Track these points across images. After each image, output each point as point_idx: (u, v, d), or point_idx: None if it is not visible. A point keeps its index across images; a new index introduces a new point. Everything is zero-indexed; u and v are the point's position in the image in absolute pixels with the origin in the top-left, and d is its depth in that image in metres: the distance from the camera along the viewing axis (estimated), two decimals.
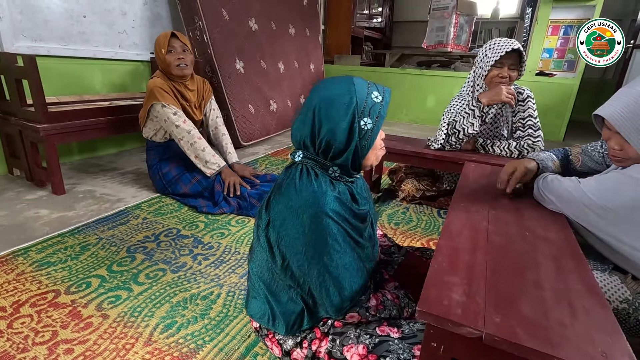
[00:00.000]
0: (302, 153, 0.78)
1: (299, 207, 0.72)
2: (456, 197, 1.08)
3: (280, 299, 0.82)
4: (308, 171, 0.76)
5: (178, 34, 1.88)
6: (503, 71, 1.57)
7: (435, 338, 0.60)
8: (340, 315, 0.78)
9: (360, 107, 0.73)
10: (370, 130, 0.74)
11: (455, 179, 1.98)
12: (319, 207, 0.72)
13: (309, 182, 0.74)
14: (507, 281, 0.68)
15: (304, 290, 0.78)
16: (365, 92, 0.74)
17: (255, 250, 0.84)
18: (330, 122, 0.73)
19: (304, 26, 4.04)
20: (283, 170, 0.82)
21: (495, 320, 0.56)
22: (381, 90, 0.76)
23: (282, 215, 0.74)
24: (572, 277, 0.70)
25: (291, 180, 0.76)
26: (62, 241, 1.50)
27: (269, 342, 0.86)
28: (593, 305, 0.62)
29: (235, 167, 2.07)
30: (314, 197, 0.72)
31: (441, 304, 0.60)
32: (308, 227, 0.72)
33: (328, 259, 0.73)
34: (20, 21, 2.14)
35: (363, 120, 0.73)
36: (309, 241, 0.72)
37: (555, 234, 0.88)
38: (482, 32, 5.93)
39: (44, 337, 1.01)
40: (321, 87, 0.77)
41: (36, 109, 1.84)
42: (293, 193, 0.74)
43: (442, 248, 0.78)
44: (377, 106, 0.74)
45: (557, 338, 0.54)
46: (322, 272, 0.73)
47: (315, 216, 0.71)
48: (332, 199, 0.74)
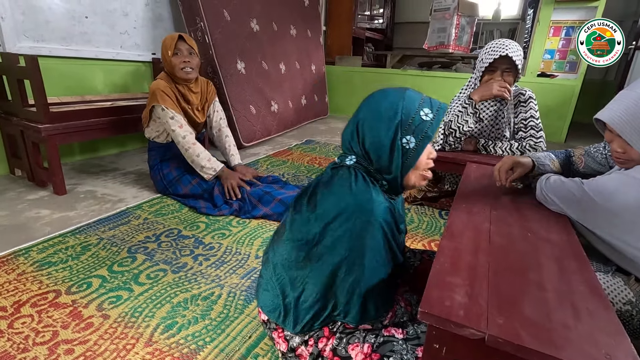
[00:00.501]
0: (354, 157, 0.76)
1: (353, 211, 0.70)
2: (458, 198, 1.07)
3: (296, 296, 0.79)
4: (364, 177, 0.73)
5: (185, 36, 1.87)
6: (496, 75, 1.57)
7: (437, 339, 0.60)
8: (360, 324, 0.77)
9: (405, 124, 0.69)
10: (413, 150, 0.71)
11: (457, 180, 1.97)
12: (374, 216, 0.69)
13: (366, 188, 0.72)
14: (510, 282, 0.67)
15: (327, 292, 0.76)
16: (414, 108, 0.70)
17: (283, 242, 0.81)
18: (372, 137, 0.71)
19: (305, 27, 4.04)
20: (328, 169, 0.80)
21: (498, 322, 0.56)
22: (435, 107, 0.72)
23: (329, 215, 0.71)
24: (575, 278, 0.70)
25: (344, 181, 0.73)
26: (63, 241, 1.50)
27: (275, 337, 0.85)
28: (596, 306, 0.62)
29: (237, 169, 2.08)
30: (371, 205, 0.70)
31: (443, 305, 0.59)
32: (357, 233, 0.69)
33: (368, 269, 0.71)
34: (22, 22, 2.14)
35: (406, 138, 0.70)
36: (353, 247, 0.70)
37: (558, 235, 0.87)
38: (483, 33, 5.92)
39: (44, 337, 1.00)
40: (371, 97, 0.74)
41: (38, 109, 1.84)
42: (347, 195, 0.71)
43: (444, 249, 0.77)
44: (424, 124, 0.70)
45: (560, 340, 0.53)
46: (358, 280, 0.71)
47: (368, 224, 0.69)
48: (386, 210, 0.72)
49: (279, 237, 0.84)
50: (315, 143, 3.35)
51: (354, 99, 4.82)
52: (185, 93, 1.94)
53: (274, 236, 0.87)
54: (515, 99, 1.69)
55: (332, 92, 4.88)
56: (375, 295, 0.73)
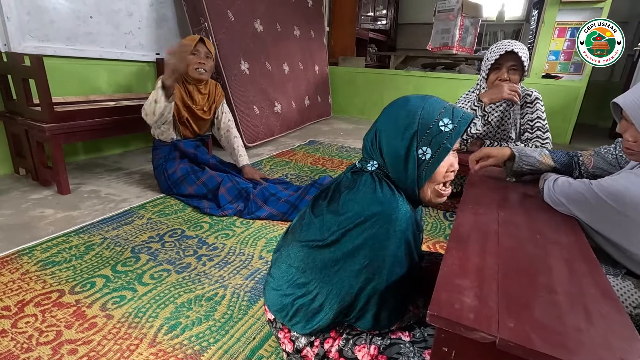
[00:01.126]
0: (377, 164, 0.74)
1: (377, 219, 0.67)
2: (464, 199, 1.06)
3: (308, 298, 0.77)
4: (389, 185, 0.71)
5: (206, 40, 1.92)
6: (502, 74, 1.56)
7: (446, 343, 0.59)
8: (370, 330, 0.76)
9: (422, 135, 0.67)
10: (429, 162, 0.68)
11: (462, 181, 1.96)
12: (399, 226, 0.67)
13: (392, 197, 0.69)
14: (520, 285, 0.66)
15: (345, 298, 0.73)
16: (433, 117, 0.68)
17: (300, 244, 0.79)
18: (389, 146, 0.69)
19: (308, 28, 4.04)
20: (348, 173, 0.78)
21: (509, 325, 0.55)
22: (456, 118, 0.68)
23: (351, 220, 0.69)
24: (585, 281, 0.69)
25: (369, 186, 0.71)
26: (67, 241, 1.49)
27: (281, 337, 0.84)
28: (609, 310, 0.61)
29: (245, 170, 2.09)
30: (396, 213, 0.67)
31: (453, 307, 0.58)
32: (380, 241, 0.67)
33: (388, 278, 0.69)
34: (27, 21, 2.15)
35: (422, 149, 0.67)
36: (375, 256, 0.68)
37: (567, 237, 0.86)
38: (487, 35, 5.91)
39: (48, 337, 1.00)
40: (393, 104, 0.73)
41: (42, 109, 1.85)
42: (372, 201, 0.69)
43: (451, 250, 0.76)
44: (443, 135, 0.67)
45: (573, 343, 0.52)
46: (376, 288, 0.70)
47: (393, 233, 0.67)
48: (411, 221, 0.70)
49: (294, 237, 0.82)
50: (318, 144, 3.35)
51: (357, 100, 4.84)
52: (192, 92, 1.97)
53: (286, 236, 0.86)
54: (521, 99, 1.68)
55: (336, 93, 4.87)
56: (390, 305, 0.72)
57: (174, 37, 3.07)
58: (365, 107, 4.83)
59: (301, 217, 0.83)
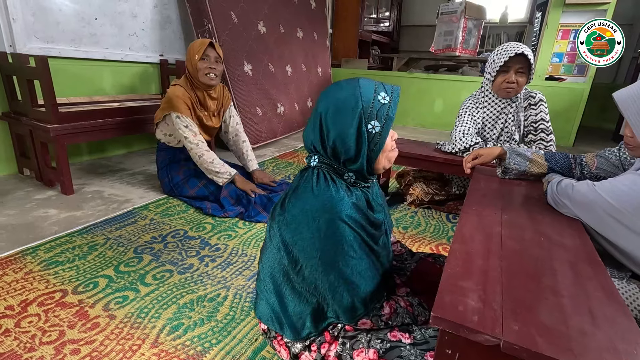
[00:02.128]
0: (317, 157, 0.77)
1: (316, 212, 0.71)
2: (468, 201, 1.06)
3: (290, 303, 0.80)
4: (325, 176, 0.75)
5: (215, 44, 1.88)
6: (509, 76, 1.55)
7: (449, 345, 0.59)
8: (353, 322, 0.77)
9: (367, 111, 0.71)
10: (379, 134, 0.73)
11: (465, 183, 1.95)
12: (336, 213, 0.71)
13: (326, 187, 0.73)
14: (524, 287, 0.66)
15: (315, 295, 0.77)
16: (371, 94, 0.72)
17: (268, 251, 0.82)
18: (337, 128, 0.72)
19: (311, 30, 4.05)
20: (298, 174, 0.82)
21: (514, 328, 0.54)
22: (389, 90, 0.74)
23: (297, 219, 0.73)
24: (590, 283, 0.68)
25: (307, 183, 0.75)
26: (70, 241, 1.50)
27: (276, 345, 0.85)
28: (614, 313, 0.60)
29: (255, 174, 2.08)
30: (331, 203, 0.71)
31: (456, 309, 0.58)
32: (324, 232, 0.71)
33: (344, 265, 0.72)
34: (33, 23, 2.17)
35: (370, 123, 0.72)
36: (324, 246, 0.71)
37: (571, 240, 0.85)
38: (490, 37, 5.90)
39: (50, 336, 1.00)
40: (328, 92, 0.76)
41: (47, 109, 1.86)
42: (310, 197, 0.73)
43: (455, 252, 0.76)
44: (384, 107, 0.72)
45: (578, 347, 0.52)
46: (337, 277, 0.72)
47: (332, 221, 0.70)
48: (349, 205, 0.73)
49: (265, 247, 0.85)
50: None
51: None
52: (203, 99, 1.94)
53: (263, 244, 0.87)
54: (525, 101, 1.67)
55: None
56: (359, 290, 0.74)
57: (177, 39, 3.09)
58: None
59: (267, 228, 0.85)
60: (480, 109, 1.71)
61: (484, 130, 1.73)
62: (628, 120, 0.86)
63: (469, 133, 1.68)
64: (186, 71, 1.90)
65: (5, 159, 2.21)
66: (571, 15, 3.54)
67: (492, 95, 1.67)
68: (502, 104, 1.66)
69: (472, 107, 1.71)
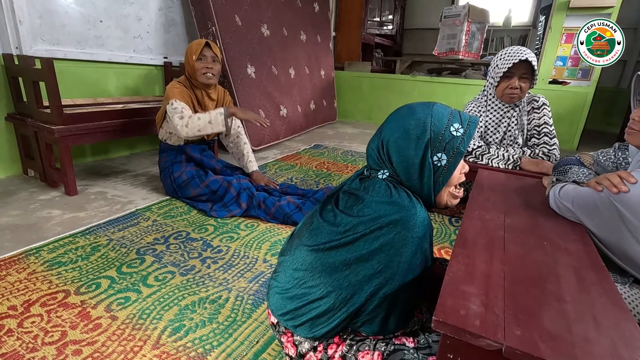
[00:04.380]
0: (387, 172, 0.74)
1: (395, 224, 0.67)
2: (470, 205, 1.05)
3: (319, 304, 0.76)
4: (405, 190, 0.71)
5: (212, 43, 1.91)
6: (513, 82, 1.55)
7: (451, 349, 0.58)
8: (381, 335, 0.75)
9: (435, 141, 0.67)
10: (444, 167, 0.69)
11: (468, 187, 1.94)
12: (417, 231, 0.66)
13: (408, 200, 0.68)
14: (527, 292, 0.65)
15: (352, 303, 0.73)
16: (444, 124, 0.68)
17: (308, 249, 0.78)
18: (400, 156, 0.69)
19: (315, 32, 4.07)
20: (355, 179, 0.77)
21: (516, 333, 0.54)
22: (465, 122, 0.69)
23: (365, 225, 0.69)
24: (594, 289, 0.68)
25: (384, 191, 0.70)
26: (74, 241, 1.51)
27: (284, 340, 0.83)
28: (619, 319, 0.60)
29: (253, 176, 2.10)
30: (414, 219, 0.66)
31: (458, 314, 0.58)
32: (397, 248, 0.67)
33: (398, 287, 0.68)
34: (39, 25, 2.19)
35: (437, 155, 0.68)
36: (391, 262, 0.67)
37: (575, 245, 0.85)
38: (493, 40, 5.89)
39: (53, 337, 1.01)
40: (398, 115, 0.72)
41: (52, 111, 1.87)
42: (389, 205, 0.68)
43: (457, 256, 0.75)
44: (456, 140, 0.68)
45: (582, 353, 0.51)
46: (388, 294, 0.69)
47: (411, 240, 0.66)
48: (429, 227, 0.69)
49: (300, 242, 0.81)
50: (323, 148, 3.35)
51: (363, 105, 4.85)
52: (201, 98, 1.97)
53: (291, 240, 0.86)
54: (528, 105, 1.67)
55: (341, 98, 4.89)
56: (399, 311, 0.72)
57: (182, 42, 3.11)
58: (372, 112, 4.83)
59: (308, 222, 0.83)
60: (483, 113, 1.71)
61: (487, 134, 1.73)
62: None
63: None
64: (186, 71, 1.94)
65: (10, 160, 2.23)
66: (575, 19, 3.53)
67: (495, 99, 1.67)
68: (505, 108, 1.66)
69: (474, 111, 1.71)
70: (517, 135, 1.68)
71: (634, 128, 0.90)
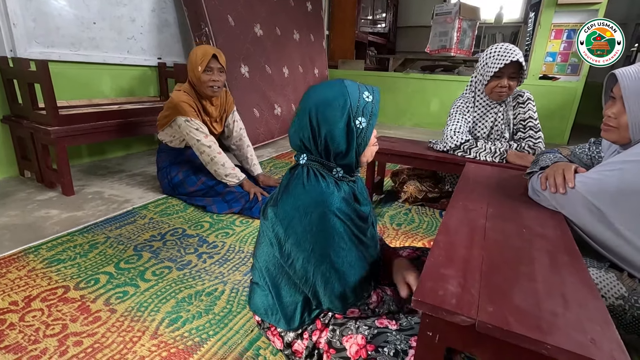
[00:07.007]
0: (306, 155, 0.82)
1: (307, 207, 0.75)
2: (455, 196, 1.09)
3: (283, 294, 0.85)
4: (314, 172, 0.79)
5: (218, 54, 1.84)
6: (502, 81, 1.58)
7: (430, 327, 0.62)
8: (344, 310, 0.80)
9: (355, 108, 0.77)
10: (365, 129, 0.78)
11: (457, 181, 1.99)
12: (327, 206, 0.75)
13: (317, 183, 0.78)
14: (502, 274, 0.69)
15: (307, 286, 0.80)
16: (357, 93, 0.78)
17: (262, 245, 0.87)
18: (327, 124, 0.77)
19: (308, 32, 4.10)
20: (287, 172, 0.86)
21: (489, 310, 0.58)
22: (370, 90, 0.80)
23: (289, 215, 0.77)
24: (566, 270, 0.72)
25: (298, 180, 0.79)
26: (72, 240, 1.54)
27: (270, 336, 0.89)
28: (586, 297, 0.64)
29: (260, 178, 2.10)
30: (322, 197, 0.76)
31: (436, 294, 0.62)
32: (316, 225, 0.75)
33: (335, 256, 0.76)
34: (33, 28, 2.21)
35: (358, 119, 0.77)
36: (316, 239, 0.75)
37: (552, 231, 0.89)
38: (485, 37, 5.94)
39: (54, 329, 1.04)
40: (315, 92, 0.80)
41: (47, 112, 1.90)
42: (301, 193, 0.77)
43: (439, 243, 0.80)
44: (369, 105, 0.78)
45: (548, 326, 0.56)
46: (329, 268, 0.76)
47: (323, 215, 0.75)
48: (339, 199, 0.77)
49: (259, 242, 0.89)
50: None
51: None
52: (205, 105, 1.94)
53: (257, 239, 0.92)
54: (514, 100, 1.71)
55: None
56: (350, 280, 0.78)
57: (175, 42, 3.13)
58: None
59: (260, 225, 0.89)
60: (470, 109, 1.75)
61: (475, 129, 1.78)
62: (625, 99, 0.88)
63: (460, 131, 1.72)
64: (189, 79, 1.88)
65: (6, 162, 2.25)
66: (563, 15, 3.59)
67: (482, 95, 1.71)
68: (492, 103, 1.70)
69: (462, 107, 1.75)
70: (503, 129, 1.73)
71: (609, 124, 0.94)
